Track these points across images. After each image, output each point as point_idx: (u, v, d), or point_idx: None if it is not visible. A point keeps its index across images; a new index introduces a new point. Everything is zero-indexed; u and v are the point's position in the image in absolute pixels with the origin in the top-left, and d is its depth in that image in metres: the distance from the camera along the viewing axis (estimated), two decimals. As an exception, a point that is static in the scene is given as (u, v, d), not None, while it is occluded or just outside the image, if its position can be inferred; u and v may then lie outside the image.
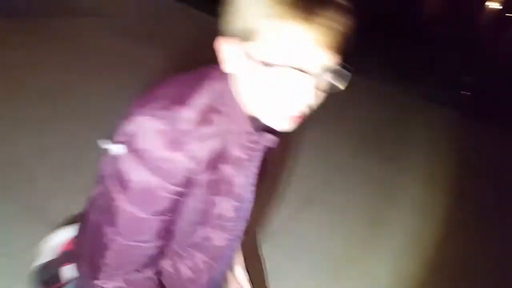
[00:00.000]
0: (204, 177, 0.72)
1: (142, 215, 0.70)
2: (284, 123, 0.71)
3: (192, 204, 0.74)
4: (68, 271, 0.92)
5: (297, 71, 0.63)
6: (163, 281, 0.84)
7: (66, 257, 0.95)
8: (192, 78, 0.74)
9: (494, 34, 12.60)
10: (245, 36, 0.64)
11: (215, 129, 0.70)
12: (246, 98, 0.71)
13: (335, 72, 0.66)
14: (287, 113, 0.69)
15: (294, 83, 0.65)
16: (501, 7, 14.01)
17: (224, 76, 0.72)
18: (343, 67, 0.66)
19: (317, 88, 0.67)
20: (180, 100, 0.69)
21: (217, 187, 0.75)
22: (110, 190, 0.70)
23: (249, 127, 0.74)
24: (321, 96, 0.70)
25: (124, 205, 0.69)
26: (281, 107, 0.68)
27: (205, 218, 0.78)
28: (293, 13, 0.60)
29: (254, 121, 0.74)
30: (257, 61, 0.65)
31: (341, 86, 0.67)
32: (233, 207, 0.80)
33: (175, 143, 0.66)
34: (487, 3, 14.49)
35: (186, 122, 0.67)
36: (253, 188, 0.82)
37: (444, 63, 6.78)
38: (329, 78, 0.67)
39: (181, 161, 0.67)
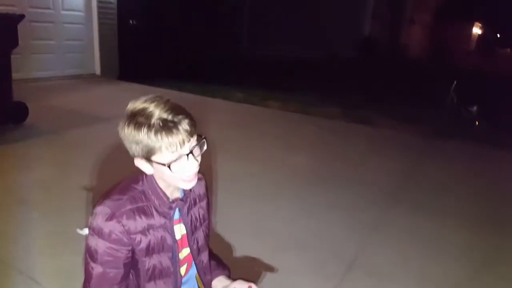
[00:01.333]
0: (142, 241, 1.12)
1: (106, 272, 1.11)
2: (187, 184, 1.14)
3: (139, 263, 1.14)
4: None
5: (179, 157, 1.07)
6: None
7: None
8: (130, 179, 1.18)
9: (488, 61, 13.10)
10: (144, 155, 1.08)
11: (139, 206, 1.13)
12: (160, 183, 1.16)
13: (198, 146, 1.11)
14: (189, 180, 1.12)
15: (181, 165, 1.08)
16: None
17: (147, 176, 1.16)
18: (201, 141, 1.12)
19: (194, 157, 1.10)
20: (120, 192, 1.14)
21: (153, 248, 1.14)
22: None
23: (166, 200, 1.17)
24: (199, 158, 1.13)
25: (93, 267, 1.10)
26: (181, 179, 1.11)
27: (152, 273, 1.16)
28: (164, 137, 1.03)
29: (166, 195, 1.17)
30: (158, 164, 1.08)
31: (204, 148, 1.14)
32: (167, 257, 1.18)
33: (110, 216, 1.08)
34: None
35: (120, 204, 1.10)
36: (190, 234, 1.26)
37: (446, 97, 6.94)
38: (197, 150, 1.11)
39: (115, 227, 1.07)
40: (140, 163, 1.11)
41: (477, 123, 6.36)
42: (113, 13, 8.22)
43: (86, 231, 1.14)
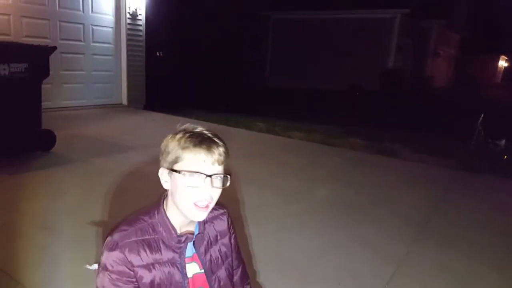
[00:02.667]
0: (145, 276, 1.08)
1: None
2: (197, 212, 1.10)
3: None
4: None
5: (198, 174, 1.07)
6: None
7: None
8: (140, 212, 1.17)
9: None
10: (170, 164, 1.10)
11: (145, 239, 1.10)
12: (170, 215, 1.14)
13: (221, 176, 1.11)
14: (196, 206, 1.09)
15: (197, 184, 1.08)
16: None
17: (159, 208, 1.16)
18: (225, 174, 1.12)
19: (212, 186, 1.09)
20: (127, 224, 1.13)
21: (159, 284, 1.10)
22: None
23: (174, 233, 1.13)
24: (217, 192, 1.12)
25: None
26: (191, 203, 1.09)
27: None
28: (192, 147, 1.07)
29: (174, 228, 1.14)
30: (177, 176, 1.08)
31: (227, 184, 1.13)
32: (174, 274, 1.12)
33: (114, 246, 1.07)
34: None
35: (125, 235, 1.09)
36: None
37: (473, 130, 6.80)
38: (218, 181, 1.10)
39: (117, 257, 1.06)
40: (163, 174, 1.13)
41: (505, 157, 6.18)
42: (141, 45, 8.48)
43: (95, 266, 1.14)
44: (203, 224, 1.22)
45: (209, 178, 1.08)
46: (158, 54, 8.85)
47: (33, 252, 2.52)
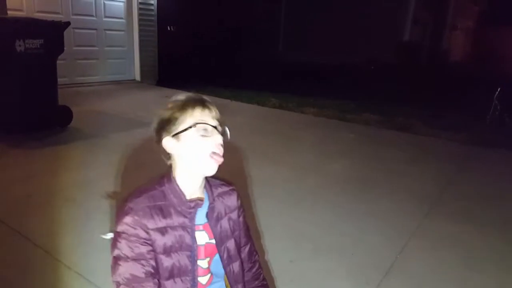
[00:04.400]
0: (158, 239, 1.13)
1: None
2: (213, 165, 1.15)
3: (158, 260, 1.14)
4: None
5: (206, 124, 1.14)
6: None
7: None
8: (153, 181, 1.22)
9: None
10: (172, 129, 1.16)
11: (157, 204, 1.15)
12: (180, 176, 1.19)
13: (223, 128, 1.19)
14: (212, 154, 1.14)
15: (207, 135, 1.14)
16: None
17: (169, 177, 1.21)
18: (225, 127, 1.20)
19: (218, 134, 1.17)
20: (140, 191, 1.18)
21: (171, 247, 1.15)
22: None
23: (184, 198, 1.18)
24: (221, 140, 1.17)
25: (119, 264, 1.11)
26: (206, 153, 1.14)
27: (170, 272, 1.16)
28: (190, 109, 1.15)
29: (184, 195, 1.19)
30: (183, 136, 1.14)
31: (228, 137, 1.20)
32: (186, 257, 1.17)
33: (129, 211, 1.12)
34: None
35: (139, 201, 1.14)
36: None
37: (489, 104, 6.70)
38: (220, 131, 1.18)
39: (131, 221, 1.10)
40: (167, 143, 1.17)
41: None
42: (153, 20, 8.44)
43: (110, 235, 1.17)
44: (212, 197, 1.27)
45: (211, 128, 1.15)
46: (169, 28, 8.80)
47: (57, 221, 2.62)
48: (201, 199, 1.22)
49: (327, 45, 12.69)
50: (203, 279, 1.23)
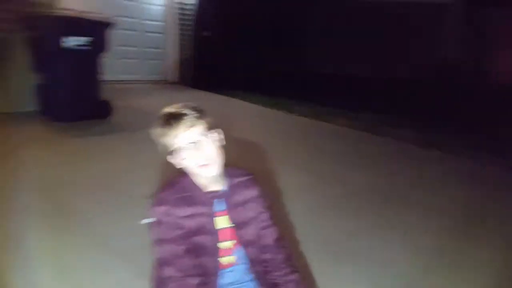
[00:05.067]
0: (186, 225, 1.33)
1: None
2: (203, 171, 1.34)
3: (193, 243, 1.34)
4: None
5: (180, 148, 1.32)
6: None
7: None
8: (178, 176, 1.41)
9: None
10: (166, 150, 1.36)
11: (183, 196, 1.36)
12: (192, 175, 1.38)
13: (203, 136, 1.33)
14: (201, 165, 1.32)
15: (187, 153, 1.32)
16: None
17: (185, 175, 1.39)
18: (207, 130, 1.35)
19: (198, 147, 1.32)
20: (169, 185, 1.40)
21: (198, 230, 1.35)
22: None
23: (200, 191, 1.38)
24: (209, 149, 1.33)
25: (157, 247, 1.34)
26: (195, 166, 1.33)
27: (199, 249, 1.35)
28: (165, 132, 1.34)
29: (200, 188, 1.38)
30: (176, 155, 1.34)
31: (215, 137, 1.37)
32: (209, 239, 1.37)
33: (161, 203, 1.34)
34: None
35: (168, 194, 1.36)
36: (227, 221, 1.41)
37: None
38: (200, 141, 1.32)
39: (163, 212, 1.32)
40: (170, 159, 1.38)
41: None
42: (190, 24, 8.75)
43: (146, 220, 1.43)
44: (230, 186, 1.43)
45: (191, 144, 1.31)
46: (206, 33, 9.09)
47: (93, 206, 2.86)
48: (217, 191, 1.40)
49: (364, 58, 12.66)
50: (226, 259, 1.40)
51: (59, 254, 2.29)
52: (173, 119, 1.33)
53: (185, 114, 1.33)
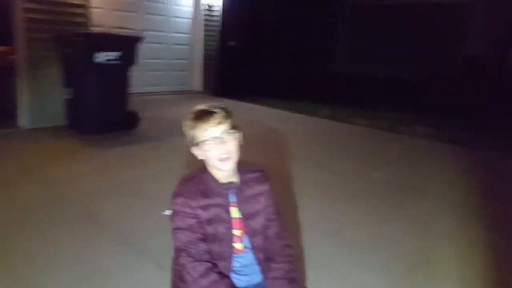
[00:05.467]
0: (202, 214, 1.48)
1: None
2: (221, 164, 1.49)
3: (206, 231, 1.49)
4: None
5: (207, 140, 1.47)
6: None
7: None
8: (196, 170, 1.59)
9: None
10: (192, 141, 1.51)
11: (200, 188, 1.51)
12: (211, 170, 1.54)
13: (228, 133, 1.48)
14: (221, 160, 1.47)
15: (210, 146, 1.47)
16: None
17: (204, 168, 1.55)
18: (232, 130, 1.49)
19: (222, 142, 1.47)
20: (187, 179, 1.57)
21: (212, 219, 1.50)
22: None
23: (218, 183, 1.53)
24: (230, 145, 1.48)
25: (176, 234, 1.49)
26: (216, 159, 1.48)
27: (213, 237, 1.51)
28: (196, 124, 1.49)
29: (217, 180, 1.53)
30: (200, 147, 1.49)
31: (236, 136, 1.51)
32: (223, 227, 1.52)
33: (179, 194, 1.50)
34: None
35: (185, 187, 1.52)
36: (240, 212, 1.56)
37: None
38: (224, 137, 1.47)
39: (181, 202, 1.48)
40: (194, 151, 1.53)
41: None
42: (215, 35, 9.02)
43: (168, 211, 1.58)
44: (242, 180, 1.57)
45: (216, 139, 1.47)
46: (232, 43, 9.34)
47: (125, 208, 3.09)
48: (233, 183, 1.55)
49: (381, 58, 12.64)
50: (237, 245, 1.57)
51: (88, 256, 2.51)
52: (204, 114, 1.48)
53: (215, 112, 1.48)
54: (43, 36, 5.03)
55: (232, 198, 1.56)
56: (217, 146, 1.47)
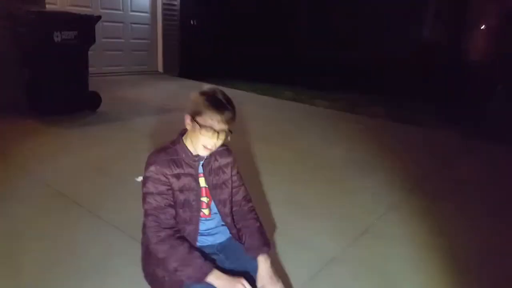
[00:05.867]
0: (174, 182, 1.61)
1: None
2: (203, 151, 1.61)
3: (174, 196, 1.62)
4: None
5: (210, 128, 1.55)
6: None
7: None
8: (170, 142, 1.72)
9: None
10: (194, 114, 1.58)
11: (172, 158, 1.64)
12: (190, 142, 1.65)
13: (226, 131, 1.58)
14: (205, 148, 1.60)
15: (209, 134, 1.56)
16: None
17: (179, 139, 1.68)
18: (229, 131, 1.59)
19: (218, 137, 1.57)
20: (161, 149, 1.68)
21: (183, 187, 1.63)
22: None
23: (190, 155, 1.65)
24: (220, 142, 1.59)
25: (147, 199, 1.61)
26: (203, 144, 1.59)
27: (183, 203, 1.64)
28: (211, 107, 1.54)
29: (191, 152, 1.65)
30: (196, 124, 1.56)
31: (228, 138, 1.61)
32: (193, 194, 1.66)
33: (152, 162, 1.61)
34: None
35: (159, 155, 1.63)
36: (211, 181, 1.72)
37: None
38: (223, 135, 1.58)
39: (154, 169, 1.59)
40: (187, 119, 1.61)
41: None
42: (176, 14, 8.91)
43: (140, 178, 1.70)
44: (210, 153, 1.69)
45: (216, 133, 1.56)
46: (192, 22, 9.24)
47: (90, 185, 3.11)
48: (201, 156, 1.69)
49: (340, 41, 12.83)
50: (205, 211, 1.72)
51: (58, 230, 2.54)
52: (220, 105, 1.55)
53: (228, 108, 1.56)
54: (-4, 13, 4.83)
55: (200, 169, 1.71)
56: (212, 137, 1.57)
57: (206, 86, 1.63)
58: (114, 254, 2.30)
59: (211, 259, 1.61)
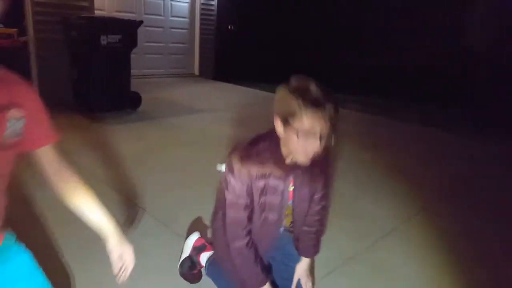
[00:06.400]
0: (259, 183, 1.44)
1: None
2: (303, 160, 1.36)
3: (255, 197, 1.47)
4: (204, 257, 1.92)
5: (311, 133, 1.28)
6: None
7: (198, 250, 1.95)
8: (261, 137, 1.49)
9: None
10: (285, 117, 1.31)
11: (261, 158, 1.43)
12: (284, 149, 1.42)
13: (329, 136, 1.31)
14: (306, 155, 1.34)
15: (309, 140, 1.29)
16: None
17: (273, 138, 1.42)
18: (333, 134, 1.31)
19: (320, 143, 1.31)
20: (251, 145, 1.46)
21: (267, 189, 1.46)
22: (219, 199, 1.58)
23: (281, 160, 1.44)
24: (322, 146, 1.32)
25: (226, 195, 1.48)
26: (302, 153, 1.34)
27: (264, 206, 1.51)
28: (309, 109, 1.26)
29: (283, 158, 1.44)
30: (291, 129, 1.30)
31: (333, 143, 1.34)
32: (278, 200, 1.51)
33: (240, 161, 1.42)
34: None
35: (248, 154, 1.43)
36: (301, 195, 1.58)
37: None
38: (327, 138, 1.31)
39: (241, 168, 1.41)
40: (277, 122, 1.36)
41: None
42: (213, 19, 9.26)
43: (223, 168, 1.53)
44: (303, 169, 1.48)
45: (316, 135, 1.28)
46: (229, 27, 9.55)
47: (130, 178, 3.40)
48: (297, 165, 1.45)
49: (378, 48, 12.76)
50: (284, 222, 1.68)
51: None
52: (318, 105, 1.25)
53: (325, 106, 1.26)
54: (50, 19, 5.29)
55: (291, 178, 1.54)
56: (312, 142, 1.29)
57: (294, 78, 1.33)
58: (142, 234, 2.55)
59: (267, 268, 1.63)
